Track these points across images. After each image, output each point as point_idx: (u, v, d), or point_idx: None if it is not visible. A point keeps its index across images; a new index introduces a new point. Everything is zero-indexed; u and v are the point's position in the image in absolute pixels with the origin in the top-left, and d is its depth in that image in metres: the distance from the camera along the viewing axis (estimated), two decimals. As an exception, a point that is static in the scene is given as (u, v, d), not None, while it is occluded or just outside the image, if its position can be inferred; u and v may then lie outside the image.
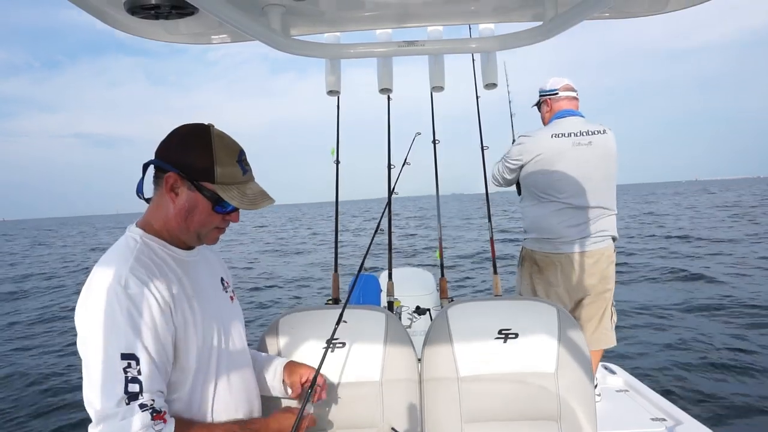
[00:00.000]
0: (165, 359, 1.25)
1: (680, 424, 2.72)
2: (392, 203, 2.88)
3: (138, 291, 1.22)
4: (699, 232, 17.77)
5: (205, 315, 1.37)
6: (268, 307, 10.25)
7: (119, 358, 1.17)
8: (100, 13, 1.32)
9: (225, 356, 1.43)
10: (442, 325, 1.91)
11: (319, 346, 1.82)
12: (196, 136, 1.33)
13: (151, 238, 1.36)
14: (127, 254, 1.28)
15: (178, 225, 1.36)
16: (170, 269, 1.34)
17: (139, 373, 1.18)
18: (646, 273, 11.03)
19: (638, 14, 1.54)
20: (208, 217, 1.36)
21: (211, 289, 1.47)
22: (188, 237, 1.39)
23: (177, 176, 1.31)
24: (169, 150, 1.34)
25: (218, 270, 1.59)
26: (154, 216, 1.38)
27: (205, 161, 1.31)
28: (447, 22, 1.71)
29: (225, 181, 1.32)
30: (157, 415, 1.19)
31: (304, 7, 1.50)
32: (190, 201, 1.33)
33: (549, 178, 3.03)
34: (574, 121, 3.07)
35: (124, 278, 1.22)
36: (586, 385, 1.83)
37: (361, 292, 3.54)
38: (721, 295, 8.58)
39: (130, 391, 1.17)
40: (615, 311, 3.13)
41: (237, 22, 1.28)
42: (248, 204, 1.34)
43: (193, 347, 1.32)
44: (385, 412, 1.82)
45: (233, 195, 1.33)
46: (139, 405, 1.17)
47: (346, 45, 1.74)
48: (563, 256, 3.01)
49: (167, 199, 1.34)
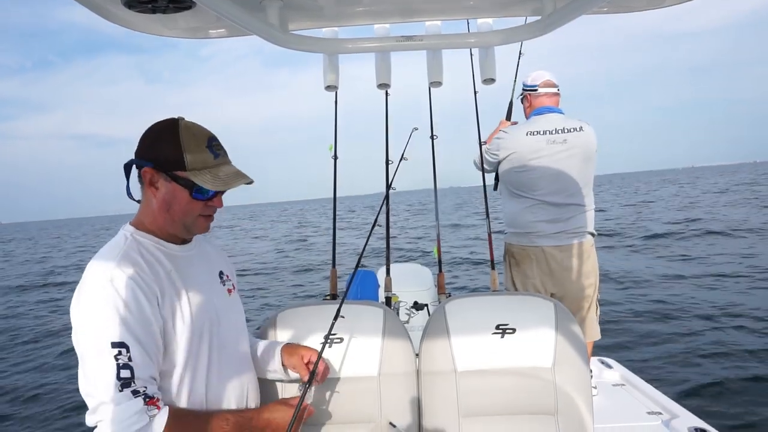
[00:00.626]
0: (155, 349, 1.30)
1: (676, 417, 2.74)
2: (388, 197, 2.88)
3: (123, 284, 1.27)
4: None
5: (194, 307, 1.41)
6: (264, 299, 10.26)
7: (110, 347, 1.22)
8: (97, 7, 1.31)
9: (217, 347, 1.46)
10: (440, 321, 1.91)
11: (316, 342, 1.82)
12: (164, 130, 1.39)
13: (142, 234, 1.41)
14: (115, 250, 1.34)
15: (163, 218, 1.41)
16: (159, 263, 1.38)
17: (129, 360, 1.23)
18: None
19: (636, 8, 1.54)
20: (188, 205, 1.40)
21: (205, 282, 1.50)
22: (176, 228, 1.44)
23: (152, 170, 1.37)
24: (143, 148, 1.40)
25: (217, 264, 1.62)
26: (144, 213, 1.44)
27: (175, 151, 1.36)
28: (445, 17, 1.70)
29: (197, 167, 1.37)
30: (150, 400, 1.24)
31: (302, 2, 1.49)
32: (169, 192, 1.39)
33: (523, 176, 3.08)
34: (551, 118, 3.09)
35: (111, 272, 1.27)
36: (583, 379, 1.84)
37: (358, 287, 3.54)
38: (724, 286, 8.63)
39: (122, 377, 1.21)
40: (599, 305, 3.17)
41: (234, 16, 1.28)
42: (221, 185, 1.39)
43: (181, 338, 1.36)
44: (383, 406, 1.83)
45: (206, 179, 1.38)
46: (132, 391, 1.22)
47: (344, 40, 1.74)
48: (538, 249, 3.06)
49: (149, 193, 1.40)
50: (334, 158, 3.32)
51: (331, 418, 1.83)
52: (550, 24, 1.44)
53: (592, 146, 3.06)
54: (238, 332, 1.59)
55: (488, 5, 1.62)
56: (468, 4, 1.61)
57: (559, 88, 3.22)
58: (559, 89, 3.22)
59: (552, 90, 3.18)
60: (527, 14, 1.64)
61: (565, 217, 3.03)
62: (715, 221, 17.46)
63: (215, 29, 1.61)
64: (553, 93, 3.18)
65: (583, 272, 3.05)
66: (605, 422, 2.69)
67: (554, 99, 3.18)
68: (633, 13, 1.56)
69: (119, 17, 1.40)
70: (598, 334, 3.15)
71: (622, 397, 3.12)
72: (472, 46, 2.09)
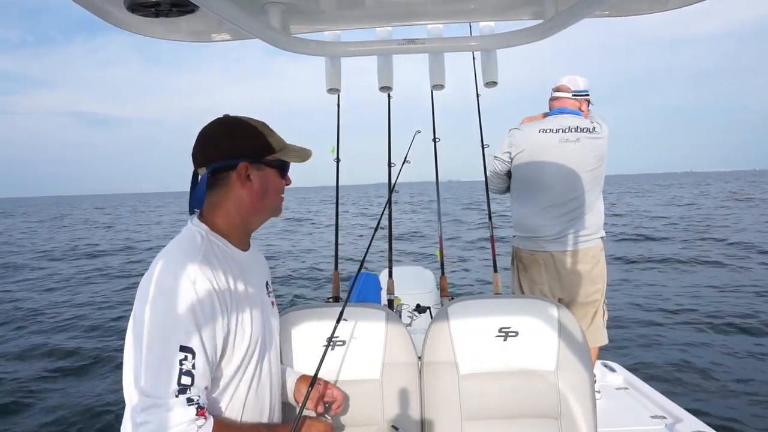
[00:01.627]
0: (214, 358, 1.28)
1: (680, 421, 2.73)
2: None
3: (204, 287, 1.24)
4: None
5: (253, 320, 1.39)
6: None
7: (178, 350, 1.19)
8: (100, 10, 1.32)
9: (262, 361, 1.45)
10: (443, 323, 1.91)
11: (319, 344, 1.82)
12: (235, 126, 1.41)
13: (215, 235, 1.38)
14: (194, 249, 1.31)
15: (254, 209, 1.42)
16: (231, 270, 1.36)
17: (193, 367, 1.20)
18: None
19: (639, 12, 1.54)
20: (279, 187, 1.46)
21: (260, 294, 1.49)
22: (262, 218, 1.46)
23: (247, 164, 1.38)
24: (220, 148, 1.38)
25: (264, 273, 1.60)
26: (218, 213, 1.40)
27: (260, 139, 1.41)
28: (447, 20, 1.71)
29: (280, 147, 1.43)
30: (201, 410, 1.21)
31: (305, 5, 1.50)
32: (263, 179, 1.41)
33: (534, 173, 3.05)
34: (564, 117, 3.08)
35: (194, 274, 1.24)
36: (586, 383, 1.83)
37: (361, 290, 3.54)
38: (729, 291, 8.60)
39: (183, 383, 1.19)
40: (606, 310, 3.15)
41: (237, 20, 1.28)
42: (303, 157, 1.47)
43: (238, 349, 1.35)
44: (385, 410, 1.82)
45: (292, 155, 1.45)
46: (187, 399, 1.19)
47: (346, 43, 1.74)
48: (546, 254, 3.04)
49: (240, 191, 1.39)
50: (336, 161, 3.32)
51: (333, 420, 1.82)
52: (552, 27, 1.44)
53: (603, 147, 3.04)
54: (277, 347, 1.59)
55: (490, 8, 1.62)
56: (470, 7, 1.61)
57: (578, 93, 3.16)
58: (578, 94, 3.16)
59: (566, 94, 3.16)
60: (529, 18, 1.64)
61: (574, 220, 3.00)
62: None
63: (218, 33, 1.62)
64: (568, 98, 3.16)
65: (592, 277, 3.02)
66: (608, 426, 2.68)
67: (570, 102, 3.15)
68: (635, 16, 1.56)
69: (122, 21, 1.40)
70: (605, 338, 3.13)
71: (625, 401, 3.11)
72: (474, 49, 2.09)
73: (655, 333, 6.71)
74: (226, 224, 1.40)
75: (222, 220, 1.40)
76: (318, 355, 1.64)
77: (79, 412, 5.18)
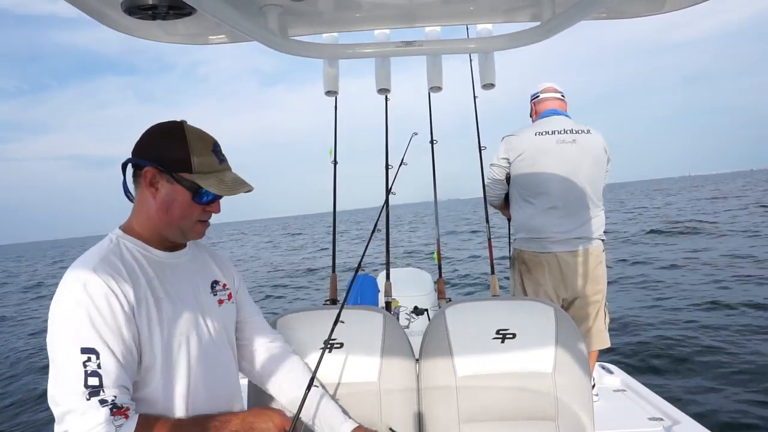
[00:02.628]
0: (129, 357, 1.26)
1: (678, 423, 2.73)
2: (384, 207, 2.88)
3: (97, 289, 1.23)
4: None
5: (173, 317, 1.37)
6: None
7: (79, 352, 1.18)
8: (97, 13, 1.32)
9: (198, 359, 1.41)
10: (440, 326, 1.91)
11: (316, 347, 1.82)
12: (170, 131, 1.37)
13: (129, 238, 1.37)
14: (96, 254, 1.31)
15: (160, 220, 1.38)
16: (141, 270, 1.34)
17: (98, 367, 1.19)
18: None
19: (636, 14, 1.54)
20: (188, 209, 1.37)
21: (189, 291, 1.46)
22: (171, 232, 1.41)
23: (155, 170, 1.34)
24: (144, 147, 1.37)
25: (211, 272, 1.57)
26: (136, 216, 1.40)
27: (182, 152, 1.33)
28: (445, 23, 1.71)
29: (202, 170, 1.35)
30: (118, 410, 1.19)
31: (302, 8, 1.50)
32: (170, 194, 1.35)
33: (534, 176, 3.05)
34: (557, 119, 3.09)
35: (84, 277, 1.24)
36: (583, 385, 1.83)
37: (358, 292, 3.54)
38: (726, 292, 8.61)
39: (90, 384, 1.17)
40: (608, 312, 3.15)
41: (235, 22, 1.28)
42: (226, 190, 1.37)
43: (157, 347, 1.32)
44: (383, 412, 1.82)
45: (211, 183, 1.35)
46: (100, 401, 1.17)
47: (343, 45, 1.74)
48: (550, 255, 3.03)
49: (147, 195, 1.37)
50: (334, 163, 3.33)
51: None
52: (549, 30, 1.44)
53: (600, 149, 3.05)
54: (224, 343, 1.54)
55: (487, 11, 1.63)
56: (467, 9, 1.61)
57: (563, 95, 3.22)
58: (563, 95, 3.21)
59: (555, 95, 3.18)
60: (527, 20, 1.64)
61: (577, 221, 3.00)
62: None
63: (215, 35, 1.62)
64: (557, 98, 3.18)
65: (595, 277, 3.02)
66: (606, 428, 2.68)
67: (558, 103, 3.18)
68: (632, 18, 1.57)
69: (120, 23, 1.40)
70: (607, 341, 3.12)
71: (623, 403, 3.11)
72: (472, 51, 2.09)
73: (656, 334, 6.73)
74: (140, 227, 1.40)
75: (137, 222, 1.40)
76: (315, 358, 1.63)
77: None
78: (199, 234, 1.45)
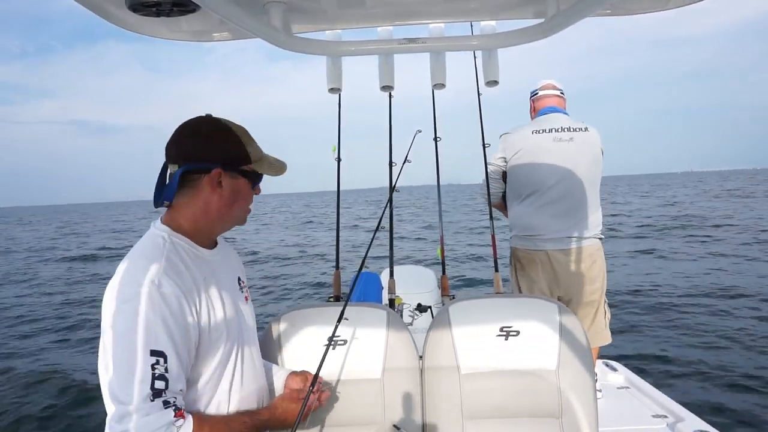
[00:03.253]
0: (188, 359, 1.27)
1: (681, 420, 2.73)
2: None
3: (170, 291, 1.23)
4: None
5: (227, 316, 1.39)
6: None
7: (149, 355, 1.18)
8: (101, 10, 1.32)
9: (241, 356, 1.45)
10: (444, 323, 1.91)
11: (320, 344, 1.82)
12: (216, 129, 1.39)
13: (179, 236, 1.36)
14: (157, 253, 1.29)
15: (220, 215, 1.40)
16: (198, 269, 1.35)
17: (166, 371, 1.19)
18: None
19: (640, 11, 1.54)
20: (248, 198, 1.45)
21: (231, 289, 1.49)
22: (228, 225, 1.46)
23: (221, 170, 1.36)
24: (200, 149, 1.36)
25: (236, 269, 1.60)
26: (184, 214, 1.38)
27: (238, 147, 1.38)
28: (448, 20, 1.71)
29: (256, 158, 1.42)
30: (178, 412, 1.21)
31: (306, 5, 1.50)
32: (235, 188, 1.39)
33: (531, 174, 3.06)
34: (555, 117, 3.09)
35: (158, 278, 1.23)
36: (587, 382, 1.83)
37: (362, 289, 3.53)
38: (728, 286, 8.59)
39: (157, 387, 1.18)
40: (608, 309, 3.15)
41: (238, 19, 1.28)
42: (279, 170, 1.47)
43: (216, 347, 1.35)
44: (386, 409, 1.83)
45: (267, 168, 1.44)
46: (163, 402, 1.18)
47: (347, 42, 1.74)
48: (543, 253, 3.04)
49: (210, 195, 1.37)
50: (338, 160, 3.32)
51: (334, 420, 1.82)
52: (553, 26, 1.44)
53: (597, 147, 3.05)
54: (255, 340, 1.59)
55: (491, 8, 1.62)
56: (471, 6, 1.61)
57: (563, 92, 3.22)
58: (563, 93, 3.22)
59: (554, 92, 3.19)
60: (530, 17, 1.64)
61: (571, 219, 3.01)
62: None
63: (219, 32, 1.62)
64: (556, 95, 3.19)
65: (589, 276, 3.02)
66: (610, 425, 2.67)
67: (557, 100, 3.18)
68: (636, 15, 1.56)
69: (123, 20, 1.40)
70: (608, 338, 3.13)
71: (626, 400, 3.11)
72: (475, 48, 2.09)
73: (657, 330, 6.71)
74: (190, 226, 1.38)
75: (187, 221, 1.38)
76: (319, 355, 1.64)
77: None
78: (245, 220, 1.50)
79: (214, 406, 1.37)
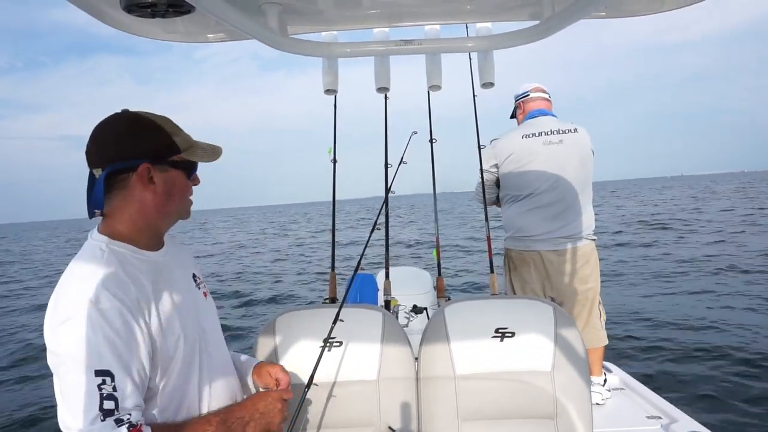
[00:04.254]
0: (143, 374, 1.21)
1: (676, 421, 2.73)
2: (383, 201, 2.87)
3: (110, 305, 1.16)
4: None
5: (183, 319, 1.33)
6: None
7: (93, 375, 1.12)
8: (96, 11, 1.32)
9: (206, 355, 1.40)
10: (439, 324, 1.91)
11: (316, 346, 1.82)
12: (136, 123, 1.30)
13: (118, 244, 1.28)
14: (93, 266, 1.21)
15: (158, 212, 1.32)
16: (143, 276, 1.27)
17: (114, 390, 1.13)
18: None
19: (635, 13, 1.54)
20: (185, 189, 1.37)
21: (185, 289, 1.42)
22: (170, 221, 1.38)
23: (149, 165, 1.28)
24: (119, 148, 1.28)
25: (189, 266, 1.53)
26: (120, 219, 1.30)
27: (164, 138, 1.30)
28: (444, 21, 1.71)
29: (186, 147, 1.33)
30: (134, 428, 1.14)
31: (302, 6, 1.50)
32: (168, 181, 1.31)
33: (522, 177, 3.08)
34: (544, 120, 3.11)
35: (95, 294, 1.15)
36: (582, 383, 1.84)
37: (358, 291, 3.53)
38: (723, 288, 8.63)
39: (106, 408, 1.12)
40: (603, 310, 3.16)
41: (234, 20, 1.28)
42: (213, 155, 1.38)
43: (174, 352, 1.28)
44: (382, 410, 1.82)
45: (199, 155, 1.35)
46: (115, 420, 1.12)
47: (343, 44, 1.74)
48: (535, 253, 3.06)
49: (143, 193, 1.29)
50: (333, 162, 3.31)
51: (330, 422, 1.82)
52: (548, 28, 1.44)
53: (587, 148, 3.07)
54: (219, 336, 1.52)
55: (487, 9, 1.63)
56: (466, 8, 1.61)
57: (549, 96, 3.24)
58: (550, 96, 3.24)
59: (543, 95, 3.22)
60: (526, 19, 1.64)
61: (562, 220, 3.02)
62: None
63: (214, 33, 1.62)
64: (544, 98, 3.22)
65: (581, 276, 3.03)
66: (604, 426, 2.68)
67: (545, 103, 3.21)
68: (631, 17, 1.57)
69: (119, 21, 1.40)
70: (604, 339, 3.13)
71: (621, 401, 3.11)
72: (471, 50, 2.09)
73: (654, 332, 6.73)
74: (129, 229, 1.30)
75: (125, 225, 1.29)
76: (315, 356, 1.63)
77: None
78: (189, 213, 1.43)
79: (185, 409, 1.32)
